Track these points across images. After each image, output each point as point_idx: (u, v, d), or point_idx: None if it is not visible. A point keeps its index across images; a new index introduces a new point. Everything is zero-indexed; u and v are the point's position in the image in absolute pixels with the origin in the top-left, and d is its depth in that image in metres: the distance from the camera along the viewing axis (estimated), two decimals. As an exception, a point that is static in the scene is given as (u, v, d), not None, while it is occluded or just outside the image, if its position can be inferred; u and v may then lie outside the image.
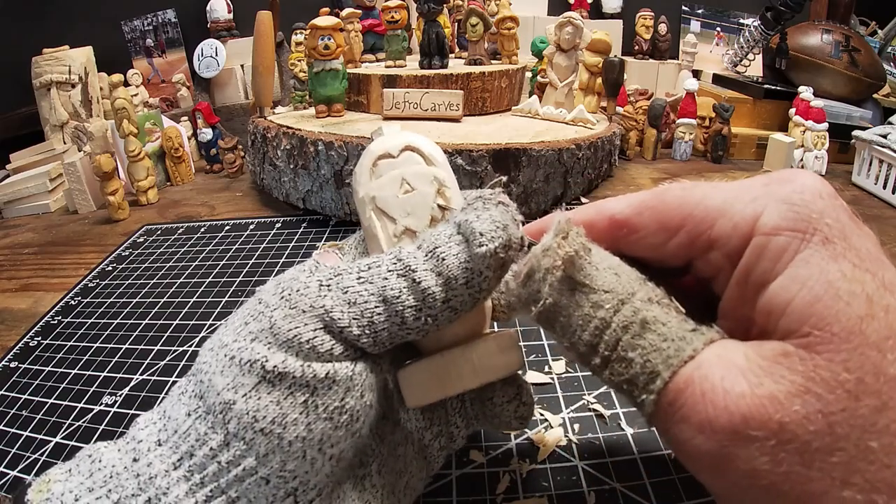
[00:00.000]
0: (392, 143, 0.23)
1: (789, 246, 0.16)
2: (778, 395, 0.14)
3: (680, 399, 0.16)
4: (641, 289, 0.17)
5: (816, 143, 0.74)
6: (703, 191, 0.18)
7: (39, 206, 0.76)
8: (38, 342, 0.43)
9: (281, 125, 0.63)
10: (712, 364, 0.16)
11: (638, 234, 0.19)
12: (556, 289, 0.17)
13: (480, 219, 0.18)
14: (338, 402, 0.18)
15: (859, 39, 0.89)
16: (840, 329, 0.14)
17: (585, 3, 1.17)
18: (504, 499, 0.26)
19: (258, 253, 0.54)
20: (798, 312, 0.15)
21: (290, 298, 0.18)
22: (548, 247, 0.17)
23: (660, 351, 0.16)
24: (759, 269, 0.16)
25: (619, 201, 0.20)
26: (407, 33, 0.78)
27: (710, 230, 0.17)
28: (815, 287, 0.15)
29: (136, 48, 1.14)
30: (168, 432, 0.18)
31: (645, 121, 0.80)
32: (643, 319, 0.16)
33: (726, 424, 0.15)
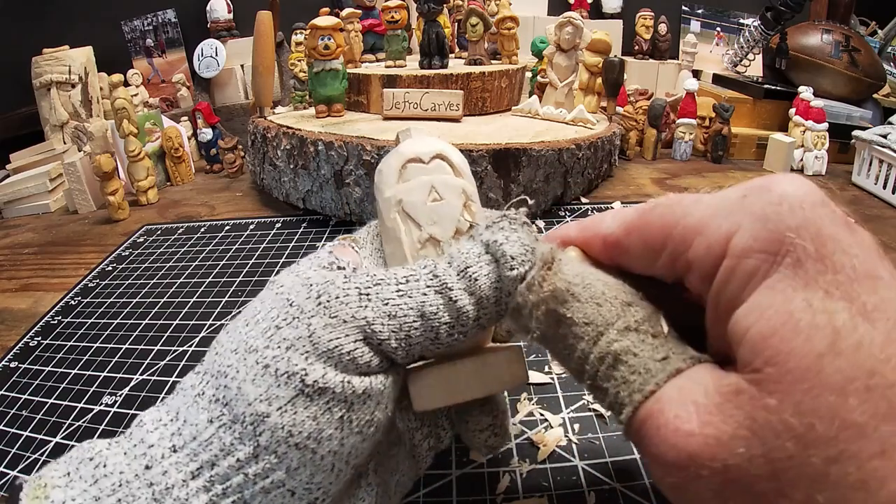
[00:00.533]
0: (424, 149, 0.23)
1: (758, 270, 0.15)
2: (722, 436, 0.14)
3: (641, 431, 0.16)
4: (622, 316, 0.17)
5: (816, 143, 0.75)
6: (684, 207, 0.17)
7: (39, 206, 0.76)
8: (38, 342, 0.43)
9: (281, 125, 0.63)
10: (670, 399, 0.15)
11: (630, 255, 0.19)
12: (542, 322, 0.18)
13: (510, 241, 0.19)
14: (369, 416, 0.18)
15: (859, 39, 0.89)
16: (794, 367, 0.13)
17: (585, 3, 1.17)
18: (504, 499, 0.26)
19: (258, 253, 0.54)
20: (752, 345, 0.14)
21: (330, 306, 0.18)
22: (532, 283, 0.18)
23: (628, 384, 0.16)
24: (728, 293, 0.15)
25: (613, 220, 0.19)
26: (407, 33, 0.78)
27: (687, 252, 0.17)
28: (772, 318, 0.14)
29: (136, 48, 1.14)
30: (184, 438, 0.17)
31: (645, 121, 0.80)
32: (615, 352, 0.17)
33: (675, 461, 0.14)
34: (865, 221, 0.60)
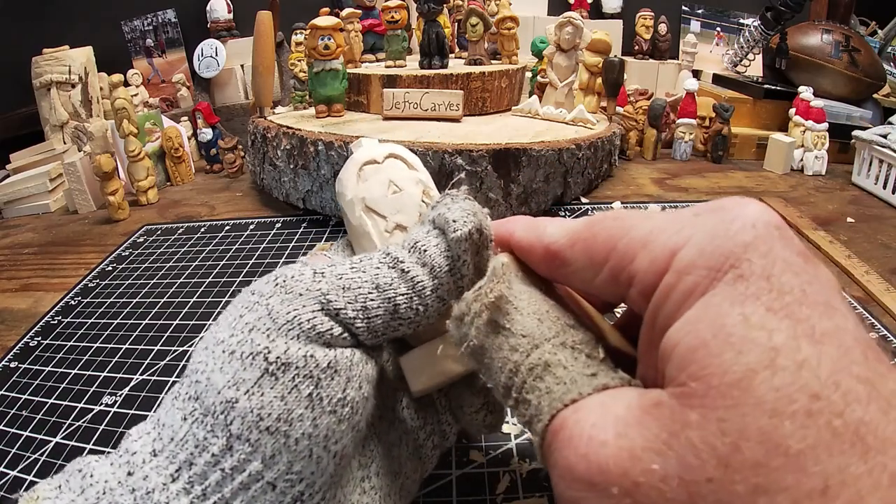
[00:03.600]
0: (376, 152, 0.25)
1: (697, 286, 0.14)
2: (637, 449, 0.13)
3: (554, 442, 0.15)
4: (561, 334, 0.17)
5: (816, 143, 0.75)
6: (633, 221, 0.16)
7: (39, 206, 0.76)
8: (38, 342, 0.43)
9: (281, 125, 0.63)
10: (590, 410, 0.14)
11: (570, 268, 0.18)
12: (481, 331, 0.18)
13: (451, 209, 0.19)
14: (340, 394, 0.17)
15: (859, 39, 0.89)
16: (720, 383, 0.12)
17: (585, 3, 1.17)
18: (504, 499, 0.26)
19: (258, 253, 0.54)
20: (679, 358, 0.13)
21: (286, 285, 0.18)
22: (479, 291, 0.18)
23: (550, 393, 0.16)
24: (665, 310, 0.14)
25: (559, 227, 0.18)
26: (407, 33, 0.78)
27: (630, 265, 0.16)
28: (703, 331, 0.13)
29: (136, 48, 1.14)
30: (163, 441, 0.17)
31: (645, 121, 0.81)
32: (546, 363, 0.16)
33: (583, 474, 0.13)
34: (865, 221, 0.60)
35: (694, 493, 0.12)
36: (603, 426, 0.14)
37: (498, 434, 0.30)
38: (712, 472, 0.11)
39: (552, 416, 0.15)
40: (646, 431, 0.13)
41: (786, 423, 0.11)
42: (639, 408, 0.14)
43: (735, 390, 0.12)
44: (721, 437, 0.11)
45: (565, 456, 0.14)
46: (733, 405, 0.12)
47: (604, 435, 0.13)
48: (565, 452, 0.14)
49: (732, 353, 0.12)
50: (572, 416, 0.15)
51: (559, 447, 0.14)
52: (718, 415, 0.12)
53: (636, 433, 0.13)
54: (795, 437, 0.11)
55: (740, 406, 0.12)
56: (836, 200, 0.66)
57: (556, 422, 0.15)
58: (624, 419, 0.13)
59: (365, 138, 0.26)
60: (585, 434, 0.14)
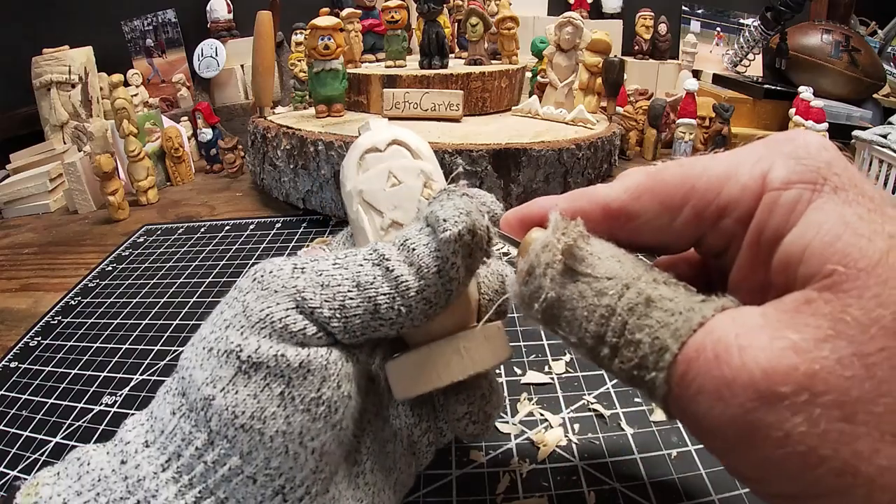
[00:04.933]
0: (379, 138, 0.24)
1: (801, 197, 0.15)
2: (802, 343, 0.13)
3: (693, 369, 0.14)
4: (646, 273, 0.16)
5: (816, 143, 0.74)
6: (703, 163, 0.17)
7: (39, 206, 0.76)
8: (38, 342, 0.43)
9: (281, 125, 0.63)
10: (725, 326, 0.14)
11: (639, 220, 0.18)
12: (557, 282, 0.17)
13: (444, 207, 0.19)
14: (314, 393, 0.17)
15: (859, 39, 0.89)
16: (867, 263, 0.13)
17: (585, 3, 1.17)
18: (504, 499, 0.26)
19: (258, 253, 0.54)
20: (817, 255, 0.14)
21: (263, 280, 0.18)
22: (546, 242, 0.17)
23: (667, 326, 0.15)
24: (772, 224, 0.15)
25: (612, 187, 0.18)
26: (407, 33, 0.78)
27: (718, 198, 0.16)
28: (832, 228, 0.14)
29: (136, 48, 1.14)
30: (155, 433, 0.18)
31: (645, 121, 0.80)
32: (648, 298, 0.15)
33: (747, 383, 0.13)
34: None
35: (870, 365, 0.12)
36: (749, 336, 0.13)
37: (498, 434, 0.30)
38: (883, 340, 0.12)
39: (682, 346, 0.14)
40: (803, 327, 0.13)
41: None
42: (782, 311, 0.14)
43: (879, 268, 0.13)
44: (882, 309, 0.13)
45: (716, 375, 0.13)
46: (883, 280, 0.13)
47: (758, 341, 0.13)
48: (716, 371, 0.13)
49: (865, 241, 0.13)
50: (709, 337, 0.14)
51: (704, 370, 0.14)
52: (873, 291, 0.13)
53: (793, 331, 0.13)
54: None
55: (888, 280, 0.13)
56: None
57: (689, 348, 0.14)
58: (771, 325, 0.13)
59: (373, 120, 0.25)
60: (734, 346, 0.13)
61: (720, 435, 0.14)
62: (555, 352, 0.36)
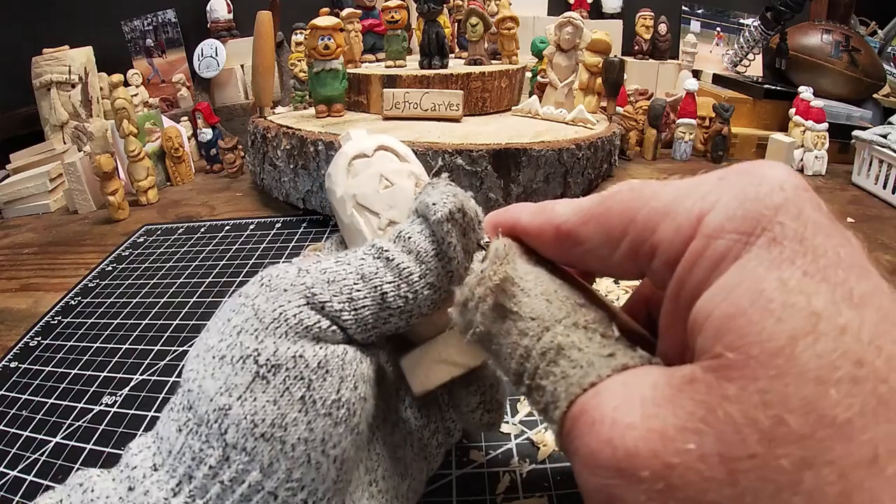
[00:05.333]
0: (365, 145, 0.24)
1: (729, 251, 0.13)
2: (670, 429, 0.12)
3: (574, 429, 0.14)
4: (573, 314, 0.16)
5: (816, 143, 0.75)
6: (651, 190, 0.15)
7: (39, 206, 0.76)
8: (38, 342, 0.42)
9: (281, 125, 0.63)
10: (612, 392, 0.14)
11: (584, 247, 0.17)
12: (487, 317, 0.17)
13: (430, 194, 0.19)
14: (334, 395, 0.17)
15: (859, 39, 0.89)
16: (760, 352, 0.11)
17: (585, 3, 1.17)
18: (504, 499, 0.26)
19: (258, 253, 0.54)
20: (713, 328, 0.12)
21: (270, 283, 0.18)
22: (483, 275, 0.17)
23: (566, 378, 0.15)
24: (693, 278, 0.14)
25: (567, 207, 0.18)
26: (407, 33, 0.78)
27: (653, 236, 0.15)
28: (740, 298, 0.12)
29: (136, 48, 1.14)
30: (163, 455, 0.17)
31: (645, 121, 0.80)
32: (559, 345, 0.15)
33: (609, 459, 0.12)
34: (865, 221, 0.60)
35: (734, 471, 0.11)
36: (628, 408, 0.13)
37: (498, 434, 0.30)
38: (755, 447, 0.11)
39: (571, 402, 0.14)
40: (678, 410, 0.12)
41: (831, 391, 0.11)
42: (668, 386, 0.13)
43: (777, 359, 0.11)
44: (764, 410, 0.11)
45: (587, 443, 0.13)
46: (776, 375, 0.11)
47: (630, 417, 0.13)
48: (587, 439, 0.13)
49: (773, 320, 0.11)
50: (593, 401, 0.14)
51: (581, 433, 0.14)
52: (760, 386, 0.11)
53: (667, 413, 0.12)
54: (842, 406, 0.11)
55: (783, 376, 0.11)
56: (836, 200, 0.66)
57: (576, 408, 0.14)
58: (651, 399, 0.13)
59: (354, 130, 0.26)
60: (608, 418, 0.13)
61: (588, 496, 0.14)
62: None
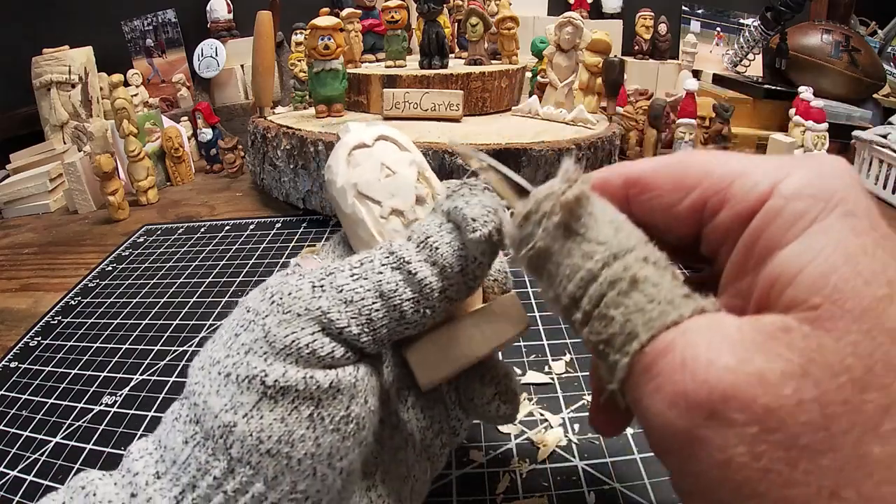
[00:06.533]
0: (365, 135, 0.24)
1: (808, 212, 0.14)
2: (769, 373, 0.12)
3: (657, 365, 0.14)
4: (640, 248, 0.16)
5: (816, 143, 0.74)
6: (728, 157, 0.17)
7: (39, 206, 0.76)
8: (38, 342, 0.43)
9: (281, 125, 0.63)
10: (700, 331, 0.14)
11: (651, 193, 0.17)
12: (549, 233, 0.16)
13: (470, 205, 0.18)
14: (343, 412, 0.17)
15: (859, 39, 0.89)
16: (855, 306, 0.12)
17: (585, 3, 1.17)
18: (504, 499, 0.26)
19: (258, 253, 0.54)
20: (809, 282, 0.13)
21: (283, 303, 0.17)
22: (550, 191, 0.16)
23: (643, 312, 0.14)
24: (771, 232, 0.14)
25: (639, 161, 0.18)
26: (407, 33, 0.78)
27: (727, 189, 0.16)
28: (832, 256, 0.13)
29: (136, 48, 1.14)
30: (166, 463, 0.17)
31: (645, 121, 0.80)
32: (633, 277, 0.15)
33: (703, 400, 0.13)
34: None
35: (829, 415, 0.12)
36: (720, 350, 0.13)
37: (498, 434, 0.30)
38: (848, 393, 0.12)
39: (651, 337, 0.14)
40: (776, 357, 0.13)
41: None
42: (759, 332, 0.13)
43: (867, 315, 0.12)
44: (857, 360, 0.12)
45: (677, 381, 0.13)
46: (867, 329, 0.12)
47: (725, 359, 0.13)
48: (677, 377, 0.13)
49: (862, 281, 0.13)
50: (681, 339, 0.14)
51: (667, 371, 0.13)
52: (853, 338, 0.12)
53: (763, 359, 0.13)
54: None
55: (872, 330, 0.12)
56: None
57: (659, 343, 0.14)
58: (743, 344, 0.13)
59: (352, 122, 0.25)
60: (703, 358, 0.13)
61: (666, 437, 0.14)
62: (555, 352, 0.36)
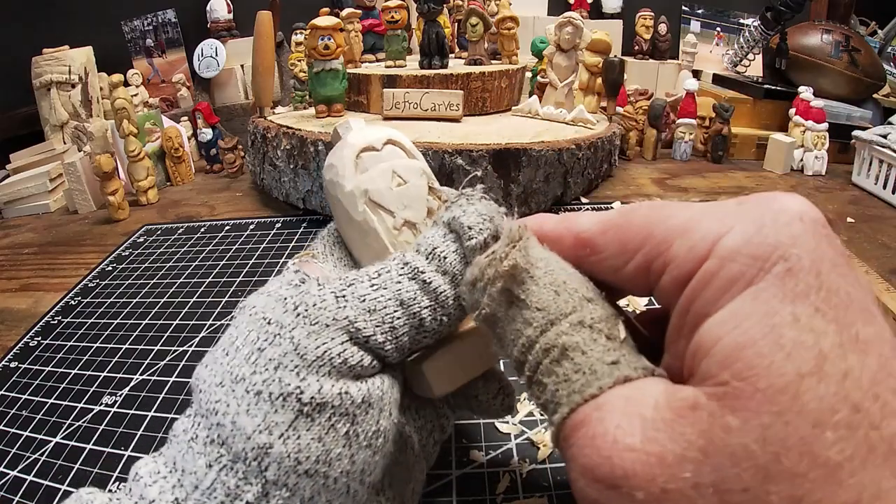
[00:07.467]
0: (374, 137, 0.23)
1: (743, 275, 0.13)
2: (668, 455, 0.12)
3: (574, 436, 0.14)
4: (578, 310, 0.16)
5: (816, 143, 0.75)
6: (671, 210, 0.16)
7: (39, 206, 0.76)
8: (38, 342, 0.42)
9: (281, 125, 0.63)
10: (614, 408, 0.14)
11: (600, 255, 0.17)
12: (494, 300, 0.17)
13: (467, 213, 0.19)
14: (374, 426, 0.17)
15: (859, 39, 0.89)
16: (767, 386, 0.11)
17: (585, 3, 1.17)
18: (504, 499, 0.26)
19: (258, 253, 0.54)
20: (722, 355, 0.12)
21: (309, 314, 0.17)
22: (494, 256, 0.17)
23: (569, 382, 0.15)
24: (703, 298, 0.14)
25: (589, 218, 0.18)
26: (407, 33, 0.78)
27: (667, 251, 0.15)
28: (751, 328, 0.12)
29: (136, 48, 1.14)
30: (186, 489, 0.16)
31: (645, 121, 0.80)
32: (563, 345, 0.15)
33: (606, 476, 0.13)
34: (865, 221, 0.60)
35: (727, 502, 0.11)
36: (629, 428, 0.13)
37: (498, 434, 0.30)
38: (749, 481, 0.11)
39: (571, 410, 0.15)
40: (678, 437, 0.12)
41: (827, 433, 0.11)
42: (669, 409, 0.13)
43: (783, 395, 0.11)
44: (762, 446, 0.11)
45: (587, 455, 0.14)
46: (779, 412, 0.11)
47: (630, 438, 0.13)
48: (587, 451, 0.14)
49: (782, 356, 0.12)
50: (594, 413, 0.14)
51: (580, 443, 0.14)
52: (762, 421, 0.11)
53: (667, 438, 0.12)
54: (835, 449, 0.11)
55: (785, 413, 0.11)
56: (836, 200, 0.66)
57: (577, 416, 0.14)
58: (652, 421, 0.13)
59: (353, 119, 0.25)
60: (610, 435, 0.13)
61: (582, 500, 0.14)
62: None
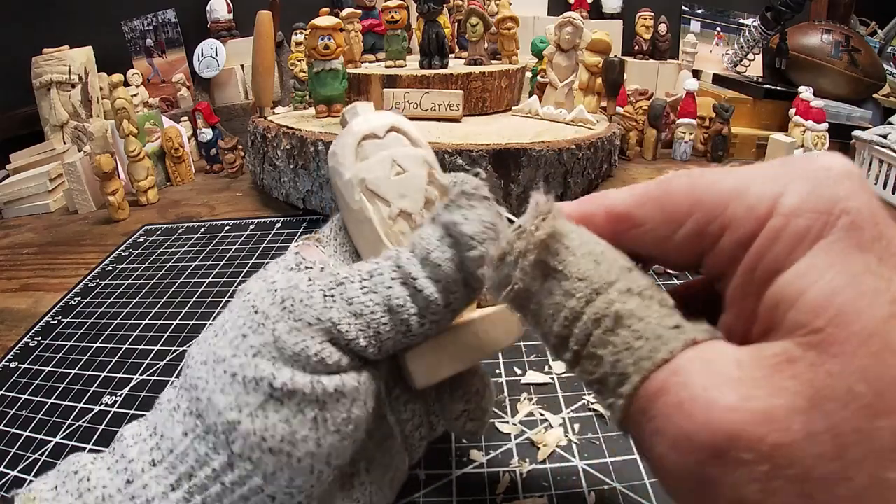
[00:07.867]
0: (377, 123, 0.23)
1: (810, 230, 0.13)
2: (775, 410, 0.12)
3: (654, 407, 0.13)
4: (622, 278, 0.15)
5: (816, 143, 0.74)
6: (713, 175, 0.16)
7: (39, 206, 0.76)
8: (38, 342, 0.42)
9: (281, 125, 0.63)
10: (693, 370, 0.13)
11: (641, 228, 0.17)
12: (527, 273, 0.16)
13: (468, 220, 0.18)
14: (345, 414, 0.17)
15: (859, 39, 0.89)
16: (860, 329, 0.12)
17: (585, 3, 1.17)
18: (504, 499, 0.26)
19: (258, 253, 0.54)
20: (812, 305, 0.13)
21: (294, 310, 0.17)
22: (523, 229, 0.16)
23: (631, 350, 0.14)
24: (773, 254, 0.14)
25: (620, 192, 0.18)
26: (407, 33, 0.78)
27: (723, 214, 0.15)
28: (835, 278, 0.13)
29: (136, 48, 1.14)
30: (163, 452, 0.17)
31: (645, 121, 0.80)
32: (617, 313, 0.14)
33: (707, 443, 0.12)
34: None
35: (842, 445, 0.11)
36: (719, 388, 0.13)
37: (498, 434, 0.30)
38: (860, 420, 0.11)
39: (643, 379, 0.14)
40: (782, 391, 0.12)
41: None
42: (760, 366, 0.13)
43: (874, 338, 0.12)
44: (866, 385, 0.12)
45: (678, 424, 0.13)
46: (875, 352, 0.12)
47: (726, 398, 0.12)
48: (677, 419, 0.13)
49: (867, 302, 0.12)
50: (673, 379, 0.13)
51: (665, 414, 0.13)
52: (861, 363, 0.12)
53: (767, 394, 0.12)
54: None
55: (881, 353, 0.12)
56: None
57: (651, 384, 0.13)
58: (742, 380, 0.12)
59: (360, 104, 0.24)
60: (701, 399, 0.12)
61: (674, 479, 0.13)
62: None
